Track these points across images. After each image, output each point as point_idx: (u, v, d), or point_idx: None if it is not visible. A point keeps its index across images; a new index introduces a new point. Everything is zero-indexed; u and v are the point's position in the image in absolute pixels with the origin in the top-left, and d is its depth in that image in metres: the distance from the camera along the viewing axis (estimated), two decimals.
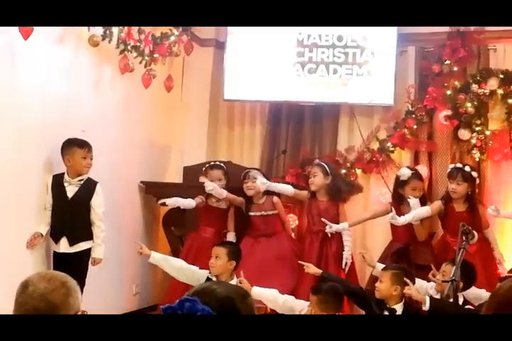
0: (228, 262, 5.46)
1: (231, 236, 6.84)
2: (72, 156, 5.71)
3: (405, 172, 6.67)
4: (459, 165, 6.55)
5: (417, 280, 5.45)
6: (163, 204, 6.70)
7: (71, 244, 5.72)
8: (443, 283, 5.25)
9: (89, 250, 5.82)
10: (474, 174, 6.45)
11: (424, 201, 6.60)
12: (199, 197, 6.80)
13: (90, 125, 6.15)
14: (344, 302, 6.19)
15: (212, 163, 7.03)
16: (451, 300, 4.71)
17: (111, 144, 6.56)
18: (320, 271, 5.70)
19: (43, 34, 5.34)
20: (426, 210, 6.49)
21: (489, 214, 6.56)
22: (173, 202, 6.69)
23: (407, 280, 5.20)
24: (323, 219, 6.64)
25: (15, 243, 5.44)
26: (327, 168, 6.76)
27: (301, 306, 5.28)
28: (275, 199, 6.89)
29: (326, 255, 6.70)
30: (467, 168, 6.44)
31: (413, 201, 6.46)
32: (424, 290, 5.48)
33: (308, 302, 5.18)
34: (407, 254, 6.53)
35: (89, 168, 5.79)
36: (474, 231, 5.33)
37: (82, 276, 5.57)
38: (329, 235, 6.68)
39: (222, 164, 6.96)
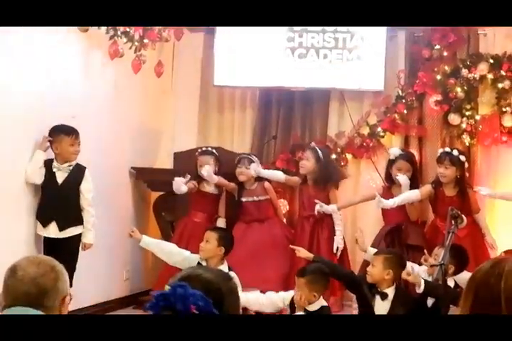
0: (218, 247, 5.45)
1: (221, 222, 6.86)
2: (59, 144, 5.73)
3: (393, 152, 6.74)
4: (448, 149, 6.59)
5: (408, 264, 5.47)
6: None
7: (61, 229, 5.74)
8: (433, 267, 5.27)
9: (79, 235, 5.84)
10: (462, 158, 6.48)
11: (415, 185, 6.63)
12: (191, 183, 6.81)
13: (80, 111, 6.16)
14: (336, 287, 6.23)
15: (203, 148, 7.04)
16: (440, 283, 4.76)
17: (101, 130, 6.55)
18: (311, 255, 5.71)
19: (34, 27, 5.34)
20: (415, 194, 6.53)
21: (480, 198, 6.60)
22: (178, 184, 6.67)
23: (408, 265, 5.24)
24: (316, 200, 6.67)
25: (6, 233, 5.45)
26: (320, 153, 6.79)
27: (284, 296, 5.24)
28: (267, 184, 6.91)
29: (318, 240, 6.74)
30: (455, 152, 6.47)
31: (402, 178, 6.52)
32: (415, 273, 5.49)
33: (292, 291, 5.18)
34: (399, 235, 6.59)
35: (77, 154, 5.81)
36: (463, 216, 5.36)
37: (73, 261, 5.60)
38: (316, 213, 6.70)
39: (212, 150, 6.96)
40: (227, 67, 7.63)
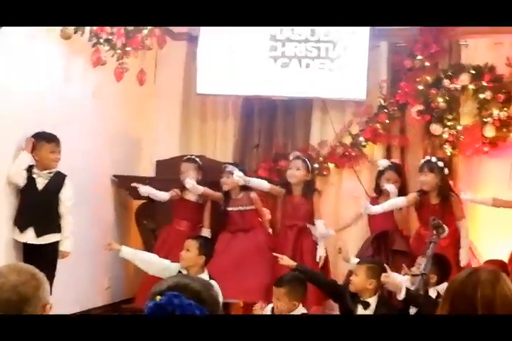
0: (198, 256, 5.44)
1: (206, 232, 6.84)
2: (39, 151, 5.72)
3: (382, 163, 6.87)
4: (427, 157, 6.67)
5: (392, 274, 5.47)
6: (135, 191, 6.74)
7: (38, 235, 5.71)
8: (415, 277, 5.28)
9: (57, 243, 5.82)
10: (440, 164, 6.53)
11: (403, 195, 6.69)
12: (173, 191, 6.81)
13: (62, 118, 6.14)
14: (320, 296, 6.21)
15: (186, 156, 7.05)
16: (421, 293, 4.77)
17: (83, 137, 6.53)
18: (294, 263, 5.71)
19: (14, 27, 5.33)
20: (401, 200, 6.61)
21: (464, 203, 6.63)
22: (147, 190, 6.72)
23: (386, 267, 5.23)
24: (309, 226, 6.67)
25: None
26: (309, 165, 6.83)
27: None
28: (253, 194, 6.89)
29: (301, 249, 6.73)
30: (433, 159, 6.57)
31: (389, 186, 6.62)
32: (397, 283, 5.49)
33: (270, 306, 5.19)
34: (385, 241, 6.64)
35: (58, 161, 5.79)
36: (445, 225, 5.37)
37: (52, 269, 5.57)
38: (312, 232, 6.74)
39: (195, 158, 6.97)
40: (210, 76, 7.63)
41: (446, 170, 6.58)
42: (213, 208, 6.99)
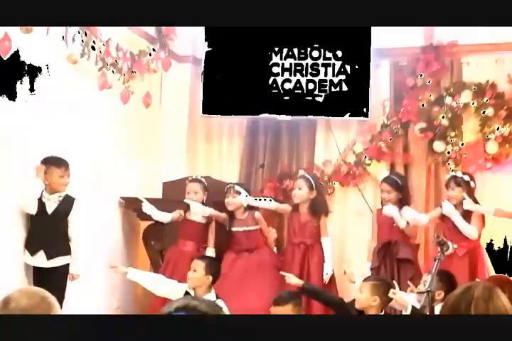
0: (205, 276, 5.49)
1: (210, 252, 6.87)
2: (49, 175, 5.77)
3: (381, 174, 6.87)
4: (452, 173, 6.70)
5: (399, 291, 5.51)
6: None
7: (48, 257, 5.76)
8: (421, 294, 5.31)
9: (67, 265, 5.87)
10: (466, 177, 6.55)
11: (406, 203, 6.73)
12: (177, 212, 6.84)
13: (69, 141, 6.20)
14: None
15: (192, 177, 7.09)
16: (427, 310, 4.80)
17: (90, 160, 6.59)
18: (301, 282, 5.75)
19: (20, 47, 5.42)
20: (424, 219, 6.67)
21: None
22: (150, 209, 6.73)
23: (394, 283, 5.29)
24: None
25: None
26: (313, 182, 6.84)
27: None
28: (257, 214, 6.92)
29: (308, 267, 6.75)
30: (458, 173, 6.60)
31: (386, 208, 6.64)
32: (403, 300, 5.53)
33: None
34: (390, 250, 6.65)
35: (66, 185, 5.84)
36: (449, 243, 5.41)
37: (62, 291, 5.62)
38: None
39: (201, 178, 7.01)
40: (214, 97, 7.71)
41: (472, 184, 6.61)
42: (218, 228, 7.03)
